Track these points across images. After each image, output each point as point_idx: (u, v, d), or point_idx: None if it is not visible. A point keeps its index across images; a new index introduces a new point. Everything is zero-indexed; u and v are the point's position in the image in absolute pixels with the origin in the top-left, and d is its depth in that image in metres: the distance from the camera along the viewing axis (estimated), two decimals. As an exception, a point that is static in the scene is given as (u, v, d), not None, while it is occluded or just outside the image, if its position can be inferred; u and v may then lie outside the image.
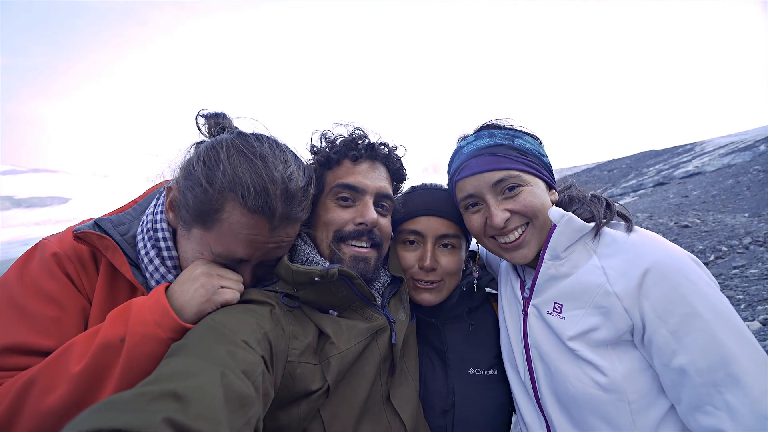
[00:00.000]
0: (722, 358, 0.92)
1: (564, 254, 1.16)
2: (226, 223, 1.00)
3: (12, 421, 0.84)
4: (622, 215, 1.19)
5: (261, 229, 1.02)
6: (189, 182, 1.04)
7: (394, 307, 1.29)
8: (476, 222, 1.26)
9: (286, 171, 1.04)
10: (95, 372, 0.85)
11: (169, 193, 1.12)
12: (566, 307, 1.15)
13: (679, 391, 0.98)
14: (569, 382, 1.11)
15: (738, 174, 17.62)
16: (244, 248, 1.03)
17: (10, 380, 0.88)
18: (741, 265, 6.43)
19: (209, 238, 1.03)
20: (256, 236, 1.02)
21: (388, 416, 1.14)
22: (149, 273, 1.09)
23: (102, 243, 1.06)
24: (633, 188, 23.15)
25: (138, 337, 0.87)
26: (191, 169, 1.04)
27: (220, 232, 1.01)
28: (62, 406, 0.83)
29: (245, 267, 1.11)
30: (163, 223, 1.12)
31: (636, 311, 1.02)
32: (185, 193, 1.04)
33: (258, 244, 1.04)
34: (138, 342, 0.87)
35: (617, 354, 1.07)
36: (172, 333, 0.90)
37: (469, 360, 1.39)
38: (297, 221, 1.11)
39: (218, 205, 0.99)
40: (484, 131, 1.29)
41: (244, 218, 0.99)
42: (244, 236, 1.01)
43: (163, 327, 0.89)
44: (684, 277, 0.98)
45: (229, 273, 1.07)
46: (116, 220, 1.15)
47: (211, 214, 1.00)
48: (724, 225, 9.30)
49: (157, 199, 1.20)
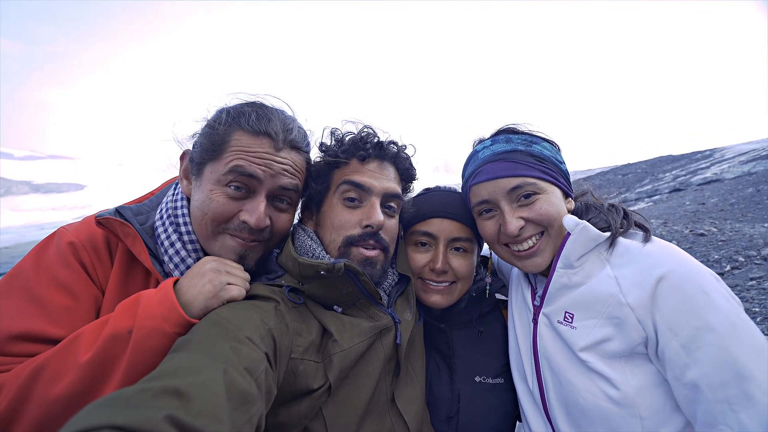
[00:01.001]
0: (737, 374, 0.88)
1: (577, 263, 1.14)
2: (234, 147, 1.10)
3: (19, 409, 0.84)
4: (639, 225, 1.15)
5: (267, 147, 1.12)
6: (199, 137, 1.17)
7: (401, 306, 1.27)
8: (490, 228, 1.24)
9: (284, 114, 1.21)
10: (103, 363, 0.86)
11: (182, 163, 1.22)
12: (578, 316, 1.12)
13: (694, 408, 0.95)
14: (580, 394, 1.09)
15: (758, 182, 17.11)
16: (254, 163, 1.10)
17: (18, 367, 0.89)
18: (758, 277, 6.25)
19: (220, 166, 1.10)
20: (262, 153, 1.11)
21: (392, 417, 1.13)
22: (168, 256, 1.12)
23: (123, 230, 1.08)
24: (648, 194, 22.69)
25: (145, 331, 0.88)
26: (200, 130, 1.18)
27: (229, 154, 1.10)
28: (69, 395, 0.84)
29: (259, 196, 1.12)
30: (184, 209, 1.18)
31: (649, 322, 0.99)
32: (195, 146, 1.16)
33: (266, 161, 1.11)
34: (145, 336, 0.88)
35: (630, 367, 1.04)
36: (179, 328, 0.90)
37: (476, 367, 1.38)
38: (300, 152, 1.21)
39: (226, 137, 1.11)
40: (501, 136, 1.26)
41: (250, 139, 1.11)
42: (252, 153, 1.10)
43: (170, 322, 0.90)
44: (698, 289, 0.94)
45: (236, 269, 1.08)
46: (135, 209, 1.18)
47: (220, 145, 1.11)
48: (742, 234, 9.05)
49: (174, 188, 1.25)
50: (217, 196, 1.10)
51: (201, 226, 1.13)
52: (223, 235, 1.13)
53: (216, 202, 1.10)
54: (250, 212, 1.11)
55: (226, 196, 1.10)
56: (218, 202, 1.10)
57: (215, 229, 1.12)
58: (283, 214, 1.21)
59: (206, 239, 1.14)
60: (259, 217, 1.10)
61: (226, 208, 1.10)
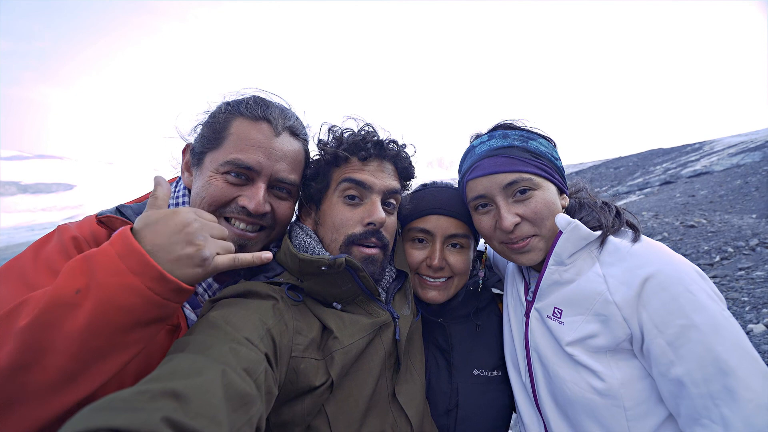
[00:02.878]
0: (719, 370, 0.90)
1: (569, 261, 1.16)
2: (234, 135, 1.11)
3: None
4: (630, 224, 1.18)
5: (265, 134, 1.13)
6: (200, 129, 1.19)
7: (399, 302, 1.28)
8: (486, 223, 1.25)
9: (282, 105, 1.24)
10: (42, 328, 0.71)
11: (184, 156, 1.24)
12: (566, 312, 1.15)
13: (678, 403, 0.98)
14: (566, 386, 1.12)
15: (747, 174, 17.40)
16: (253, 152, 1.10)
17: None
18: (747, 267, 6.37)
19: (219, 155, 1.11)
20: (262, 140, 1.12)
21: (394, 413, 1.14)
22: None
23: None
24: (639, 186, 22.96)
25: (110, 290, 0.72)
26: (202, 122, 1.20)
27: (228, 143, 1.11)
28: (8, 366, 0.70)
29: (258, 182, 1.12)
30: (186, 205, 1.18)
31: (635, 320, 1.01)
32: (197, 138, 1.18)
33: (265, 149, 1.12)
34: (110, 295, 0.72)
35: (615, 361, 1.07)
36: (154, 283, 0.75)
37: (474, 361, 1.39)
38: (299, 138, 1.22)
39: (226, 125, 1.13)
40: (498, 131, 1.26)
41: (249, 126, 1.12)
42: (251, 141, 1.11)
43: (143, 276, 0.74)
44: (684, 288, 0.96)
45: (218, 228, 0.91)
46: (136, 208, 1.18)
47: (220, 133, 1.13)
48: (731, 226, 9.21)
49: (176, 185, 1.26)
50: (215, 182, 1.10)
51: None
52: (221, 220, 1.12)
53: (214, 186, 1.10)
54: (249, 197, 1.10)
55: (225, 182, 1.10)
56: (216, 186, 1.10)
57: (212, 213, 1.11)
58: (284, 201, 1.21)
59: None
60: (258, 202, 1.10)
61: (225, 192, 1.10)
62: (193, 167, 1.18)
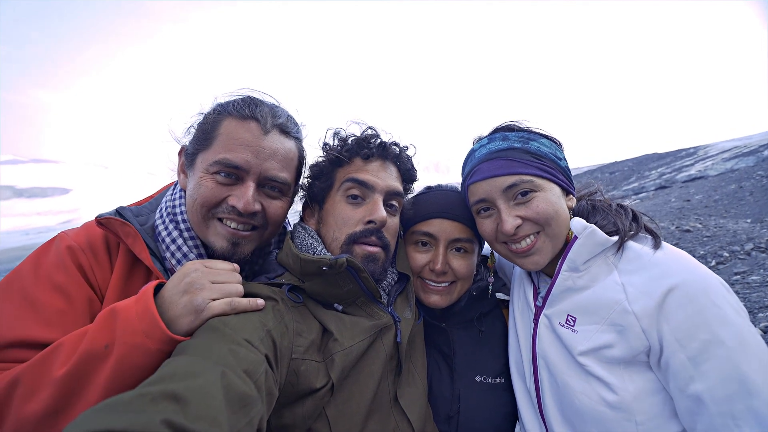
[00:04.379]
0: (744, 390, 0.86)
1: (583, 267, 1.12)
2: (223, 135, 1.13)
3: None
4: (649, 229, 1.13)
5: (254, 132, 1.13)
6: (193, 132, 1.20)
7: (401, 305, 1.28)
8: (488, 227, 1.24)
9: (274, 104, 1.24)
10: (77, 379, 0.81)
11: (180, 159, 1.25)
12: (580, 320, 1.11)
13: (695, 420, 0.94)
14: (576, 397, 1.08)
15: (741, 179, 17.55)
16: (241, 151, 1.11)
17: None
18: (742, 272, 6.41)
19: (209, 155, 1.12)
20: (250, 139, 1.12)
21: (396, 417, 1.13)
22: (170, 252, 1.14)
23: (124, 230, 1.09)
24: (634, 191, 23.10)
25: (127, 348, 0.83)
26: (194, 124, 1.22)
27: (218, 143, 1.13)
28: (43, 412, 0.79)
29: (247, 182, 1.13)
30: (182, 206, 1.19)
31: (654, 332, 0.97)
32: (190, 140, 1.20)
33: (253, 148, 1.12)
34: (127, 352, 0.82)
35: (629, 373, 1.03)
36: (162, 344, 0.84)
37: (477, 367, 1.37)
38: (290, 137, 1.22)
39: (215, 125, 1.15)
40: (498, 134, 1.25)
41: (237, 125, 1.13)
42: (240, 140, 1.12)
43: (153, 338, 0.84)
44: (710, 301, 0.92)
45: (223, 273, 1.01)
46: (135, 210, 1.20)
47: (210, 133, 1.14)
48: (726, 230, 9.27)
49: (173, 188, 1.27)
50: (206, 182, 1.12)
51: (193, 213, 1.14)
52: (214, 221, 1.14)
53: (205, 187, 1.11)
54: (238, 197, 1.11)
55: (215, 182, 1.12)
56: (207, 186, 1.11)
57: (205, 214, 1.13)
58: (276, 201, 1.21)
59: (199, 226, 1.15)
60: (247, 201, 1.11)
61: (215, 192, 1.11)
62: (187, 169, 1.19)
